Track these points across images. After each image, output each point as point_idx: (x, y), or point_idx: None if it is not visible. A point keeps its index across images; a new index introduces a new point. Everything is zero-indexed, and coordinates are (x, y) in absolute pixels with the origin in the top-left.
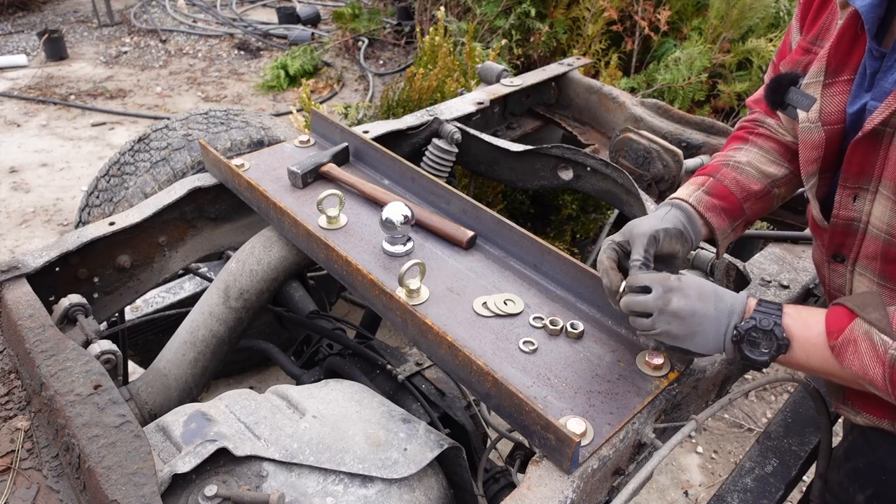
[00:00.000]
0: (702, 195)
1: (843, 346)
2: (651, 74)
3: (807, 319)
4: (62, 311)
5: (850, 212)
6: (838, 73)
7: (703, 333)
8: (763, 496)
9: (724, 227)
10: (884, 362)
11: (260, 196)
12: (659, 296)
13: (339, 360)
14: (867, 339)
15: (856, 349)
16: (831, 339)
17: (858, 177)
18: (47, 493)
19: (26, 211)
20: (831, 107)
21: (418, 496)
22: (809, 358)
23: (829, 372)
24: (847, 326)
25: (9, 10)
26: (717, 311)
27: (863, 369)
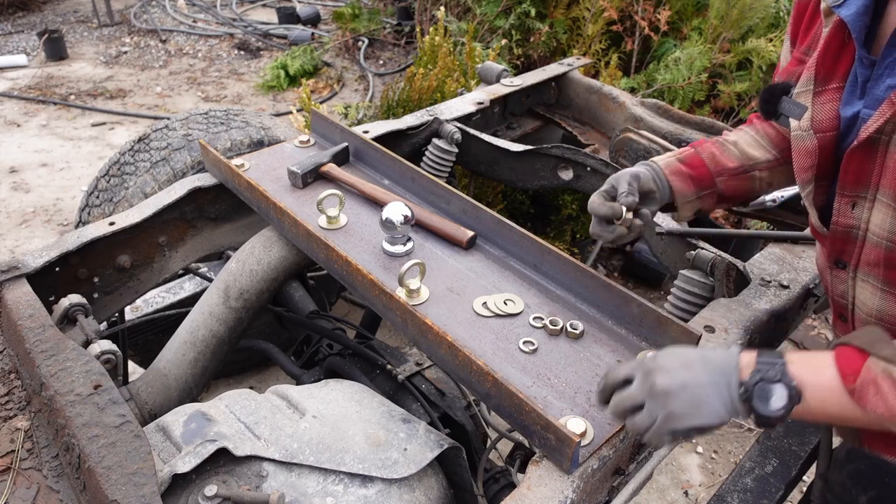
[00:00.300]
0: (673, 161)
1: (862, 388)
2: (651, 74)
3: (815, 365)
4: (62, 311)
5: (849, 219)
6: (827, 82)
7: (707, 402)
8: (763, 496)
9: (687, 193)
10: None
11: (260, 196)
12: (641, 381)
13: (339, 360)
14: (887, 377)
15: (878, 390)
16: (848, 382)
17: (855, 185)
18: (47, 493)
19: (26, 211)
20: (822, 115)
21: (418, 496)
22: (826, 405)
23: (848, 418)
24: (862, 367)
25: (9, 10)
26: (709, 374)
27: (889, 409)
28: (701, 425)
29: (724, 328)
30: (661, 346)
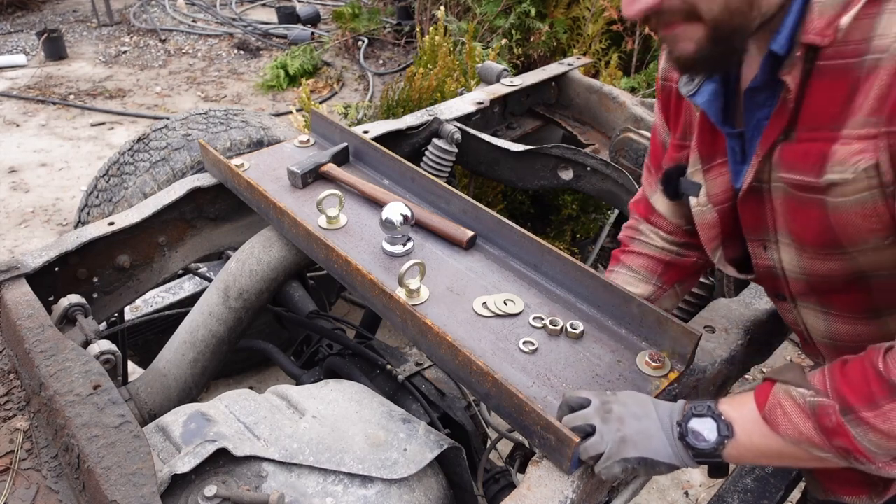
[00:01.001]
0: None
1: (771, 412)
2: (651, 74)
3: (739, 401)
4: (61, 312)
5: (766, 260)
6: (712, 159)
7: (656, 438)
8: (763, 496)
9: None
10: (807, 414)
11: (260, 196)
12: (598, 406)
13: (339, 361)
14: (788, 396)
15: (783, 411)
16: (760, 409)
17: (757, 230)
18: (46, 493)
19: (25, 211)
20: (716, 188)
21: (418, 496)
22: (753, 438)
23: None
24: (769, 393)
25: (8, 10)
26: (659, 415)
27: (796, 430)
28: (650, 458)
29: (724, 328)
30: (661, 346)
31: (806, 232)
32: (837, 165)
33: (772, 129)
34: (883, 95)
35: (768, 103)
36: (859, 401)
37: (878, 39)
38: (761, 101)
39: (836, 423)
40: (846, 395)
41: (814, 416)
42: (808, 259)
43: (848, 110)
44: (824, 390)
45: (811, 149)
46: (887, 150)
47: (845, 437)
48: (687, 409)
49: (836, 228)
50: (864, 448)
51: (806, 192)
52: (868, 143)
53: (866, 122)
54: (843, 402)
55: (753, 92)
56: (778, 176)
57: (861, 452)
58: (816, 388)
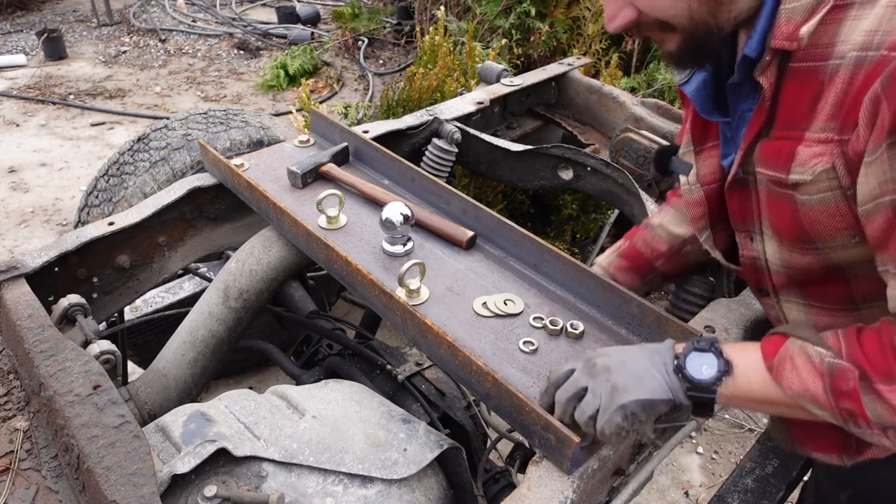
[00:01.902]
0: (615, 258)
1: (779, 364)
2: (651, 74)
3: (744, 348)
4: (61, 312)
5: (752, 251)
6: (704, 142)
7: (648, 376)
8: (763, 497)
9: (634, 284)
10: (822, 373)
11: (260, 196)
12: (582, 367)
13: (339, 361)
14: (802, 353)
15: (793, 365)
16: (767, 360)
17: (743, 221)
18: (46, 493)
19: (25, 211)
20: (705, 169)
21: (418, 496)
22: (751, 384)
23: (769, 398)
24: (782, 345)
25: (8, 10)
26: (646, 355)
27: (802, 385)
28: (646, 398)
29: (724, 328)
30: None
31: (782, 226)
32: (799, 166)
33: (753, 125)
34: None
35: (751, 96)
36: (876, 372)
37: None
38: (744, 94)
39: (852, 388)
40: (863, 364)
41: (830, 376)
42: (788, 252)
43: (813, 113)
44: (840, 352)
45: (783, 147)
46: (842, 157)
47: (856, 402)
48: (687, 344)
49: (806, 225)
50: (869, 415)
51: (780, 188)
52: (825, 147)
53: (825, 128)
54: (861, 370)
55: (735, 87)
56: (756, 170)
57: (866, 418)
58: (835, 351)
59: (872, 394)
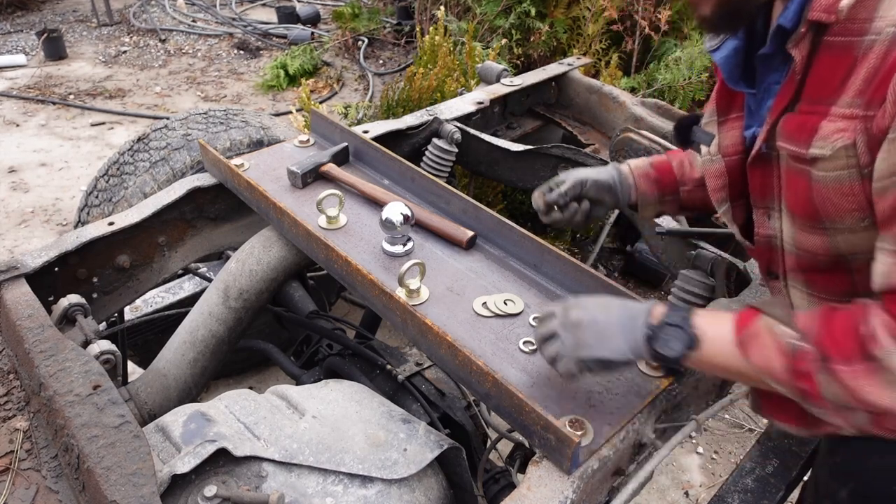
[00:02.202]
0: (644, 163)
1: (747, 339)
2: (651, 74)
3: (716, 318)
4: (61, 312)
5: (768, 229)
6: (728, 112)
7: (613, 338)
8: (763, 497)
9: (648, 196)
10: (784, 353)
11: (260, 196)
12: (560, 314)
13: (339, 361)
14: (770, 332)
15: (759, 342)
16: (738, 333)
17: (763, 197)
18: (46, 493)
19: (25, 211)
20: (728, 140)
21: (418, 496)
22: (717, 354)
23: (735, 369)
24: (753, 321)
25: (8, 10)
26: (620, 316)
27: (765, 361)
28: (605, 357)
29: None
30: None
31: (796, 202)
32: (820, 140)
33: (781, 99)
34: (869, 78)
35: (780, 69)
36: (838, 353)
37: (878, 21)
38: (774, 66)
39: (809, 370)
40: (827, 346)
41: (791, 357)
42: (799, 231)
43: (842, 88)
44: (807, 334)
45: (807, 121)
46: (864, 133)
47: (811, 383)
48: (662, 316)
49: (817, 202)
50: (822, 394)
51: (797, 163)
52: (849, 123)
53: (851, 103)
54: (823, 351)
55: (765, 58)
56: (778, 145)
57: (818, 398)
58: (801, 332)
59: (830, 374)
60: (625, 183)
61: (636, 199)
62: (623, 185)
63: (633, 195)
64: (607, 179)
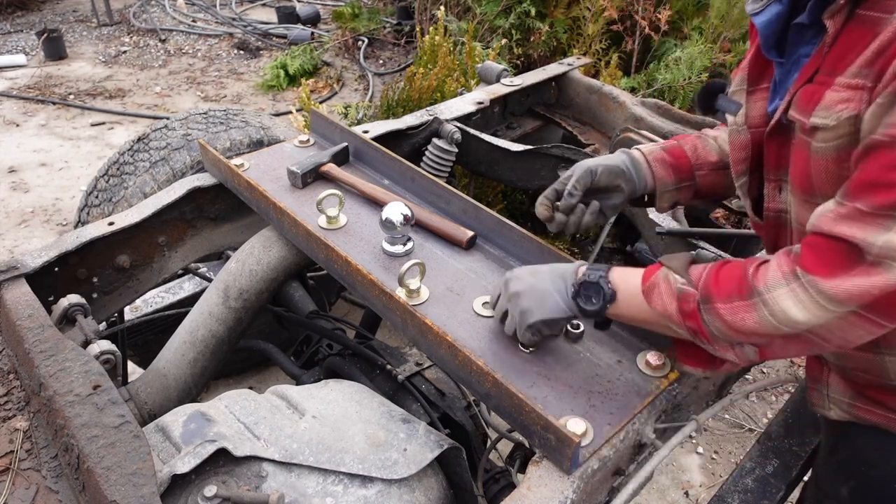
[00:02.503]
0: (657, 149)
1: (650, 289)
2: (651, 74)
3: (629, 275)
4: (61, 312)
5: (778, 203)
6: (758, 82)
7: (549, 299)
8: (764, 496)
9: (667, 182)
10: (675, 296)
11: (259, 196)
12: (503, 291)
13: (339, 361)
14: (665, 280)
15: (658, 290)
16: (643, 283)
17: (777, 169)
18: (46, 493)
19: (25, 211)
20: (754, 111)
21: (418, 496)
22: (630, 306)
23: (644, 317)
24: (654, 273)
25: (8, 10)
26: (552, 278)
27: (663, 306)
28: (547, 318)
29: None
30: (661, 346)
31: (795, 174)
32: (822, 110)
33: (806, 70)
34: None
35: (813, 41)
36: (719, 294)
37: None
38: (808, 37)
39: (692, 309)
40: (711, 289)
41: (678, 300)
42: (797, 204)
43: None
44: (696, 281)
45: (816, 91)
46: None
47: (695, 320)
48: (582, 274)
49: (813, 174)
50: (708, 332)
51: (805, 135)
52: (854, 94)
53: (858, 73)
54: (706, 294)
55: (800, 27)
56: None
57: (705, 335)
58: (689, 279)
59: (713, 313)
60: (639, 169)
61: (653, 186)
62: (638, 171)
63: (649, 182)
64: (618, 164)
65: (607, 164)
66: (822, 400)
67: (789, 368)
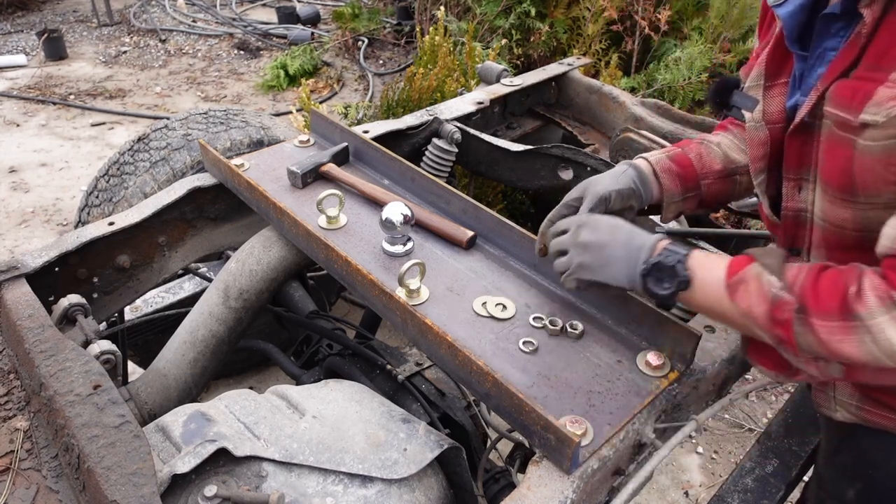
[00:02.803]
0: (663, 157)
1: (736, 284)
2: (651, 74)
3: (711, 262)
4: (61, 312)
5: (797, 202)
6: (776, 77)
7: (614, 264)
8: (763, 496)
9: (674, 192)
10: (766, 300)
11: (260, 196)
12: (572, 231)
13: (339, 361)
14: (757, 279)
15: (746, 288)
16: (728, 277)
17: (798, 168)
18: (46, 493)
19: (26, 211)
20: (772, 107)
21: (418, 496)
22: (706, 296)
23: (722, 311)
24: (744, 268)
25: (8, 10)
26: (627, 245)
27: (749, 307)
28: (603, 281)
29: (724, 328)
30: (661, 345)
31: (832, 172)
32: (874, 107)
33: (838, 64)
34: None
35: (840, 34)
36: (818, 309)
37: None
38: (834, 30)
39: (786, 319)
40: (808, 301)
41: (771, 304)
42: (828, 203)
43: None
44: (791, 285)
45: (861, 87)
46: None
47: (787, 331)
48: (660, 251)
49: (857, 173)
50: (797, 343)
51: (843, 131)
52: None
53: None
54: (802, 303)
55: (828, 18)
56: (825, 111)
57: (792, 345)
58: (786, 282)
59: (807, 326)
60: (646, 183)
61: (659, 198)
62: (645, 186)
63: (655, 193)
64: (629, 186)
65: (619, 188)
66: (828, 401)
67: None
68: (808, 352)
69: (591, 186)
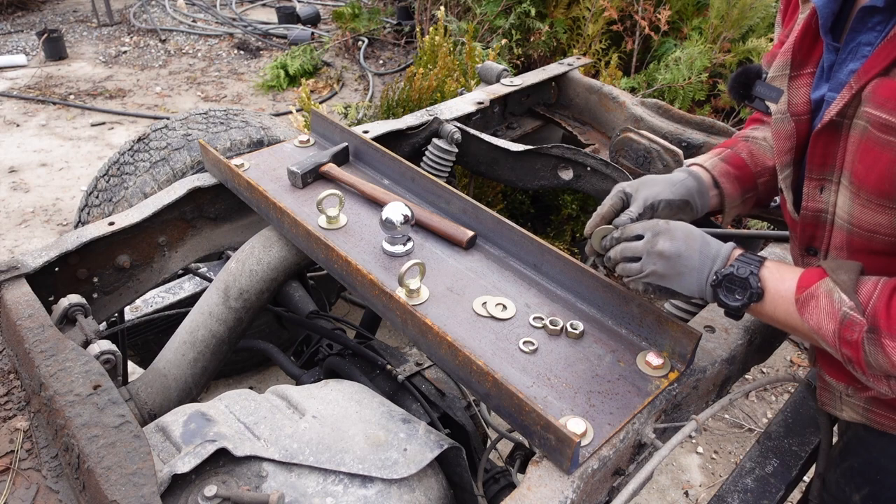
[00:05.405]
0: (718, 161)
1: (806, 300)
2: (651, 74)
3: (783, 274)
4: (61, 312)
5: (818, 203)
6: (802, 67)
7: (687, 275)
8: (763, 496)
9: (735, 196)
10: (837, 319)
11: (260, 196)
12: (648, 239)
13: (339, 361)
14: (828, 296)
15: (816, 304)
16: (798, 292)
17: (822, 168)
18: (46, 493)
19: (25, 211)
20: (798, 98)
21: (418, 496)
22: (776, 309)
23: (791, 325)
24: (815, 283)
25: (8, 10)
26: (701, 254)
27: (818, 324)
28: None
29: (724, 328)
30: (661, 345)
31: (869, 175)
32: None
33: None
34: None
35: (878, 28)
36: (891, 329)
37: None
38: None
39: (855, 340)
40: (880, 321)
41: (841, 324)
42: (860, 207)
43: None
44: (865, 305)
45: None
46: None
47: (856, 351)
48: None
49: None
50: (866, 362)
51: (885, 134)
52: None
53: None
54: (874, 323)
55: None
56: (863, 111)
57: (861, 365)
58: (858, 302)
59: (877, 346)
60: (703, 192)
61: (716, 206)
62: (702, 196)
63: (714, 200)
64: (683, 197)
65: (670, 198)
66: (833, 401)
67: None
68: (879, 371)
69: (643, 189)
